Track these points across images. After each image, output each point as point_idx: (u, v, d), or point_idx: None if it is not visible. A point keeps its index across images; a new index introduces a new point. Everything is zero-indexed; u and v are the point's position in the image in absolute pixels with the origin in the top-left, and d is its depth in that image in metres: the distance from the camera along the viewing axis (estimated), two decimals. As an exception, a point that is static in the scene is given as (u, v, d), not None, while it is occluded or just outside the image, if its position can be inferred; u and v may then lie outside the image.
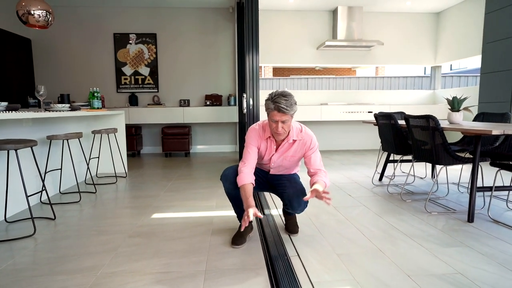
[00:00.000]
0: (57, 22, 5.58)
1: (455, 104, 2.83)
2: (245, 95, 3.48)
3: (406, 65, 6.35)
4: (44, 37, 5.62)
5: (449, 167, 4.07)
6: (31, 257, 1.83)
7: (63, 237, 2.11)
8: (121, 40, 5.80)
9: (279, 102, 1.72)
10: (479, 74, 8.89)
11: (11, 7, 3.30)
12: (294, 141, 1.93)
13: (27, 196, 2.14)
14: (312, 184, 1.84)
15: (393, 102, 6.16)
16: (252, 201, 1.75)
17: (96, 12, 5.69)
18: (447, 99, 2.89)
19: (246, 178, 1.84)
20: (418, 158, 2.74)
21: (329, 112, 5.68)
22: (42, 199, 2.94)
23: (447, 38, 5.86)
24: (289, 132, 1.89)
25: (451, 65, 13.56)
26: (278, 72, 14.29)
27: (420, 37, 6.09)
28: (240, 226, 2.06)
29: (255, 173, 2.02)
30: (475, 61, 12.72)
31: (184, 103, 5.82)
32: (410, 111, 5.07)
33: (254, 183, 1.87)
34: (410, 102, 6.23)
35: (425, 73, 12.85)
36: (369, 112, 5.75)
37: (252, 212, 1.66)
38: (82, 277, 1.60)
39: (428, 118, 2.42)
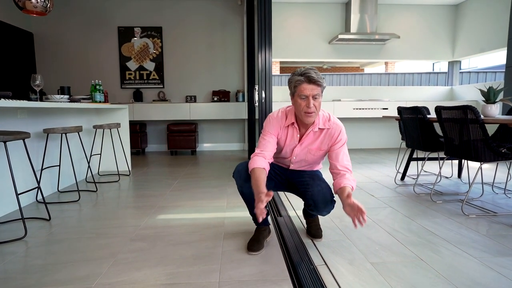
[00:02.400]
0: (59, 16, 5.39)
1: (491, 96, 2.55)
2: (256, 87, 3.23)
3: (421, 61, 6.05)
4: (46, 31, 5.43)
5: (478, 166, 3.79)
6: (19, 263, 1.60)
7: (57, 241, 1.87)
8: (125, 34, 5.59)
9: (309, 73, 1.50)
10: (497, 71, 8.55)
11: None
12: (321, 130, 1.66)
13: (17, 194, 1.92)
14: (338, 192, 1.54)
15: (408, 99, 5.88)
16: (264, 187, 1.46)
17: (100, 5, 5.48)
18: (481, 90, 2.62)
19: (260, 162, 1.58)
20: (452, 154, 2.47)
21: (342, 108, 5.40)
22: (38, 198, 2.72)
23: (466, 31, 5.56)
24: (315, 120, 1.63)
25: (460, 62, 13.19)
26: (285, 70, 14.04)
27: (437, 30, 5.79)
28: (257, 226, 1.81)
29: (272, 170, 1.77)
30: (486, 60, 12.35)
31: (191, 99, 5.59)
32: (428, 107, 4.79)
33: (268, 170, 1.61)
34: (427, 99, 5.93)
35: (433, 70, 12.51)
36: (383, 108, 5.46)
37: (264, 196, 1.36)
38: (74, 289, 1.36)
39: (466, 109, 2.15)
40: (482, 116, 2.52)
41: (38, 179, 2.63)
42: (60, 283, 1.41)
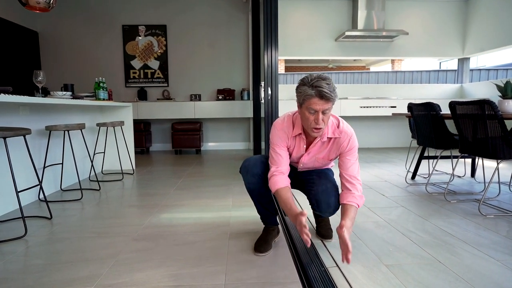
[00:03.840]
0: (64, 15, 5.36)
1: (508, 90, 2.45)
2: (262, 84, 3.15)
3: (430, 58, 5.94)
4: (51, 30, 5.40)
5: (493, 165, 3.67)
6: (17, 263, 1.54)
7: (58, 240, 1.81)
8: (130, 32, 5.54)
9: (321, 86, 1.33)
10: (508, 68, 8.37)
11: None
12: (329, 139, 1.55)
13: (17, 192, 1.86)
14: (341, 207, 1.48)
15: (417, 97, 5.75)
16: (296, 208, 1.40)
17: (105, 4, 5.45)
18: (497, 85, 2.52)
19: (281, 181, 1.50)
20: (467, 152, 2.36)
21: (349, 107, 5.30)
22: (40, 197, 2.67)
23: (477, 27, 5.42)
24: None
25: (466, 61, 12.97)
26: (289, 69, 13.96)
27: (446, 27, 5.66)
28: (265, 226, 1.74)
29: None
30: (497, 58, 12.16)
31: (195, 97, 5.53)
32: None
33: (289, 185, 1.54)
34: (436, 97, 5.79)
35: (440, 68, 12.34)
36: (391, 106, 5.35)
37: (304, 219, 1.30)
38: (73, 291, 1.30)
39: (483, 103, 2.05)
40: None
41: (40, 177, 2.58)
42: (59, 284, 1.35)
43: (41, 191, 2.66)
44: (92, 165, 3.09)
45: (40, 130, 2.71)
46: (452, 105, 2.34)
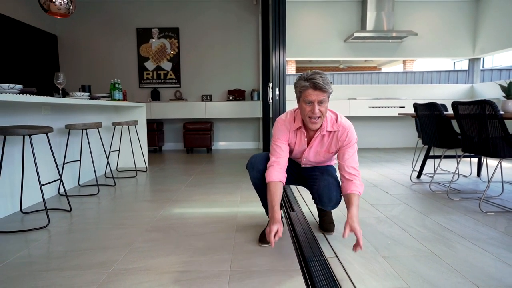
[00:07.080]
0: (81, 19, 5.59)
1: (511, 91, 2.48)
2: (270, 85, 3.25)
3: (440, 58, 5.91)
4: (69, 33, 5.64)
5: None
6: (41, 249, 1.69)
7: (77, 230, 1.96)
8: (143, 35, 5.73)
9: (315, 78, 1.46)
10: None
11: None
12: (329, 133, 1.65)
13: (40, 185, 2.02)
14: (345, 197, 1.57)
15: (427, 97, 5.74)
16: (278, 212, 1.50)
17: (120, 8, 5.65)
18: (501, 86, 2.55)
19: (276, 174, 1.59)
20: (469, 151, 2.41)
21: (358, 107, 5.35)
22: (60, 191, 2.84)
23: (488, 27, 5.38)
24: (322, 123, 1.61)
25: (481, 60, 12.71)
26: (301, 70, 14.01)
27: (456, 27, 5.64)
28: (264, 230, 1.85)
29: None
30: (508, 59, 11.89)
31: (207, 98, 5.67)
32: (447, 105, 4.67)
33: (284, 181, 1.63)
34: (446, 97, 5.77)
35: (454, 68, 12.17)
36: (400, 107, 5.37)
37: (275, 229, 1.40)
38: (92, 273, 1.43)
39: (484, 103, 2.10)
40: (501, 112, 2.45)
41: (60, 173, 2.75)
42: (79, 267, 1.48)
43: (61, 186, 2.83)
44: (108, 162, 3.25)
45: (60, 129, 2.88)
46: (455, 105, 2.39)
